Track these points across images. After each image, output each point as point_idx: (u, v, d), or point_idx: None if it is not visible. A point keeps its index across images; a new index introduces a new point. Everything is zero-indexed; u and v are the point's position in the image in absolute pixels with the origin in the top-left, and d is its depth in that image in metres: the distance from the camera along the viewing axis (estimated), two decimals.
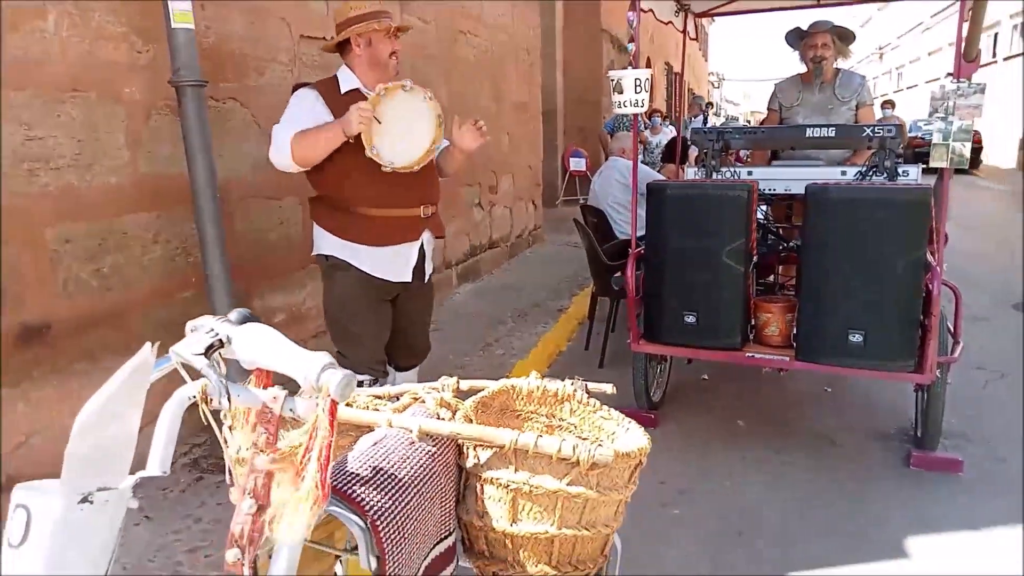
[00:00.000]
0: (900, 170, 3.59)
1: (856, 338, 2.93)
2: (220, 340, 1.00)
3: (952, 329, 3.25)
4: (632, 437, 1.62)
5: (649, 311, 3.43)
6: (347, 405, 1.55)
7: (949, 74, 3.08)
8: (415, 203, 2.80)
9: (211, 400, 1.06)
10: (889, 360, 2.94)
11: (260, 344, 0.98)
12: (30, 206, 2.65)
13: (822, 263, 3.02)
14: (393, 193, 2.72)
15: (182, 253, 3.35)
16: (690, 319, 3.25)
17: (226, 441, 1.12)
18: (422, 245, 2.90)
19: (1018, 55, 19.71)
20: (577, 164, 12.50)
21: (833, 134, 3.73)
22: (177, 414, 1.05)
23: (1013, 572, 1.35)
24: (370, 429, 1.53)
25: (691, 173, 4.10)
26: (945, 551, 2.68)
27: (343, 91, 2.73)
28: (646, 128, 10.28)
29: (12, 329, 2.59)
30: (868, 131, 3.64)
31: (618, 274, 3.58)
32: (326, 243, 2.83)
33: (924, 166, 3.45)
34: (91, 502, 0.93)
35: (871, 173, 3.58)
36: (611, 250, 4.93)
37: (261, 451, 1.07)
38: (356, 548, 1.24)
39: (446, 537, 1.53)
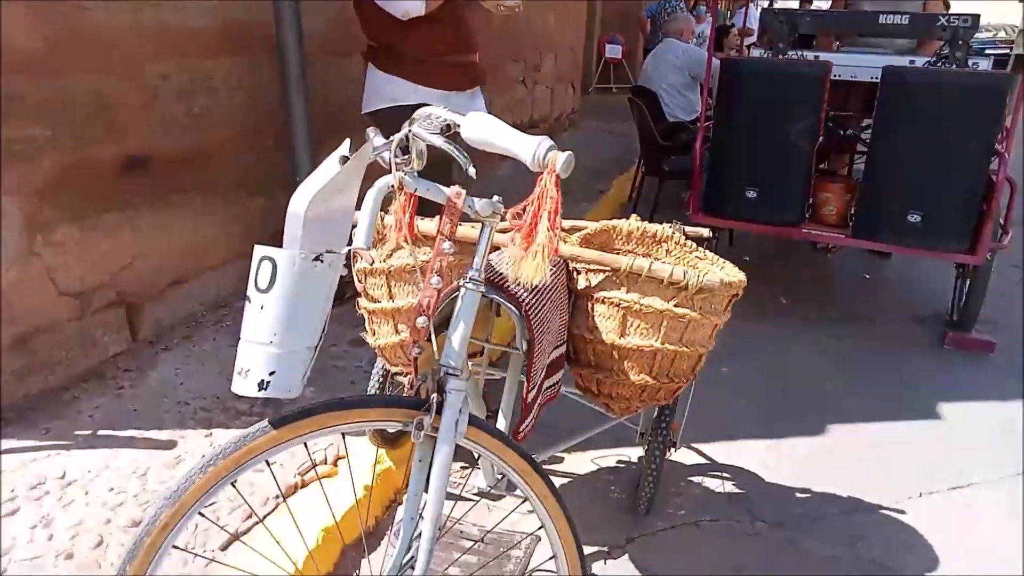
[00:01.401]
0: (970, 62, 3.60)
1: (914, 218, 3.06)
2: (450, 124, 1.14)
3: (1003, 220, 3.37)
4: (731, 271, 1.79)
5: (710, 186, 3.55)
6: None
7: None
8: (475, 49, 2.90)
9: (404, 188, 1.21)
10: (944, 241, 3.09)
11: (488, 128, 1.12)
12: (133, 41, 2.74)
13: (892, 144, 3.11)
14: (466, 40, 2.82)
15: (263, 101, 3.44)
16: (751, 194, 3.37)
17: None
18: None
19: None
20: (613, 51, 12.19)
21: (906, 21, 3.71)
22: (377, 199, 1.20)
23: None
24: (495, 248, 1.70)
25: (757, 54, 4.10)
26: (975, 418, 2.91)
27: None
28: (692, 12, 9.99)
29: (117, 159, 2.74)
30: (943, 20, 3.62)
31: (672, 157, 3.68)
32: (400, 92, 2.88)
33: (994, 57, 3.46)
34: (321, 261, 1.11)
35: (941, 63, 3.60)
36: (661, 132, 4.98)
37: (446, 238, 1.24)
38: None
39: (560, 345, 1.73)
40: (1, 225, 2.32)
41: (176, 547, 1.18)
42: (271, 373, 1.09)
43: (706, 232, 1.96)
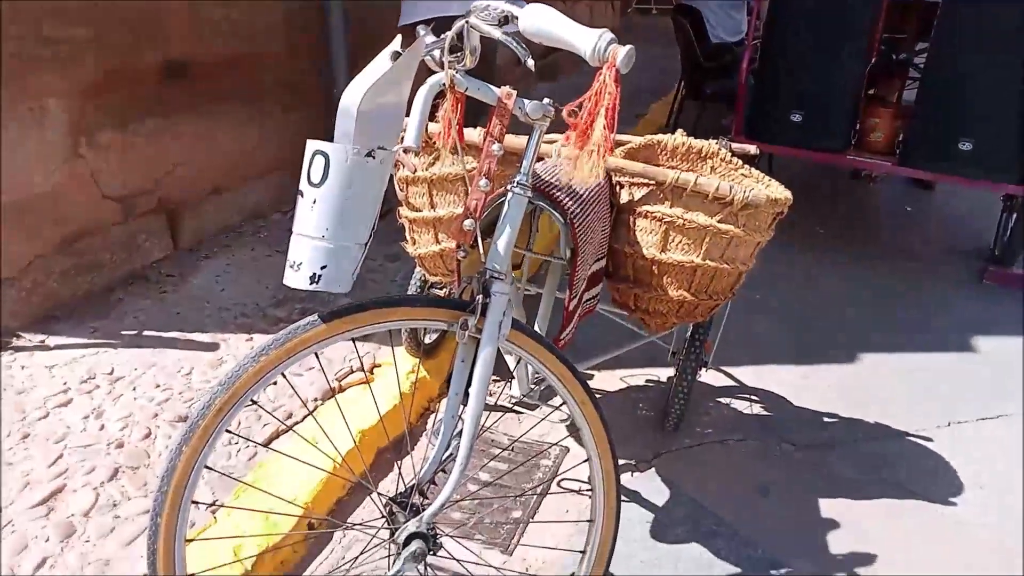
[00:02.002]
0: None
1: (965, 146, 2.97)
2: (507, 16, 1.12)
3: None
4: (777, 189, 1.76)
5: (754, 109, 3.46)
6: None
7: None
8: None
9: (455, 87, 1.20)
10: (994, 170, 3.00)
11: (548, 19, 1.10)
12: None
13: (949, 66, 2.99)
14: None
15: (302, 12, 3.38)
16: (796, 118, 3.28)
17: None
18: None
19: None
20: None
21: None
22: (428, 98, 1.19)
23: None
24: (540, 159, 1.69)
25: None
26: (1010, 352, 2.88)
27: None
28: None
29: (159, 64, 2.74)
30: None
31: (715, 80, 3.58)
32: (439, 3, 2.81)
33: None
34: (373, 157, 1.11)
35: None
36: (705, 54, 4.83)
37: (496, 140, 1.23)
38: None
39: (601, 259, 1.73)
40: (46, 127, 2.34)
41: (229, 431, 1.23)
42: (322, 267, 1.11)
43: (753, 149, 1.92)
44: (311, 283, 1.11)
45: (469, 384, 1.27)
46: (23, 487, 1.75)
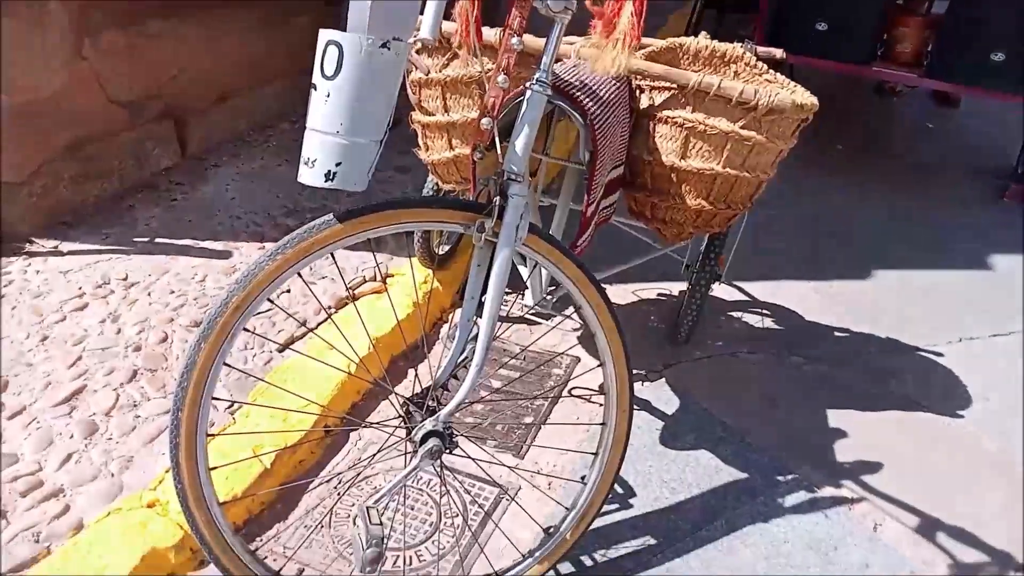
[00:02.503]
0: None
1: (998, 57, 2.86)
2: None
3: None
4: (803, 94, 1.70)
5: (777, 17, 3.32)
6: None
7: None
8: None
9: None
10: None
11: None
12: None
13: None
14: None
15: None
16: (821, 27, 3.16)
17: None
18: None
19: None
20: None
21: None
22: None
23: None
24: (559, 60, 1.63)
25: None
26: None
27: None
28: None
29: None
30: None
31: None
32: None
33: None
34: (388, 48, 1.07)
35: None
36: None
37: (515, 34, 1.18)
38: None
39: (619, 166, 1.69)
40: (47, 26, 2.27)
41: (247, 329, 1.23)
42: (337, 164, 1.08)
43: (779, 53, 1.85)
44: (326, 180, 1.09)
45: (485, 289, 1.26)
46: (45, 387, 1.79)
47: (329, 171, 1.09)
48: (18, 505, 1.49)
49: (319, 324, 2.11)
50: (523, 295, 2.09)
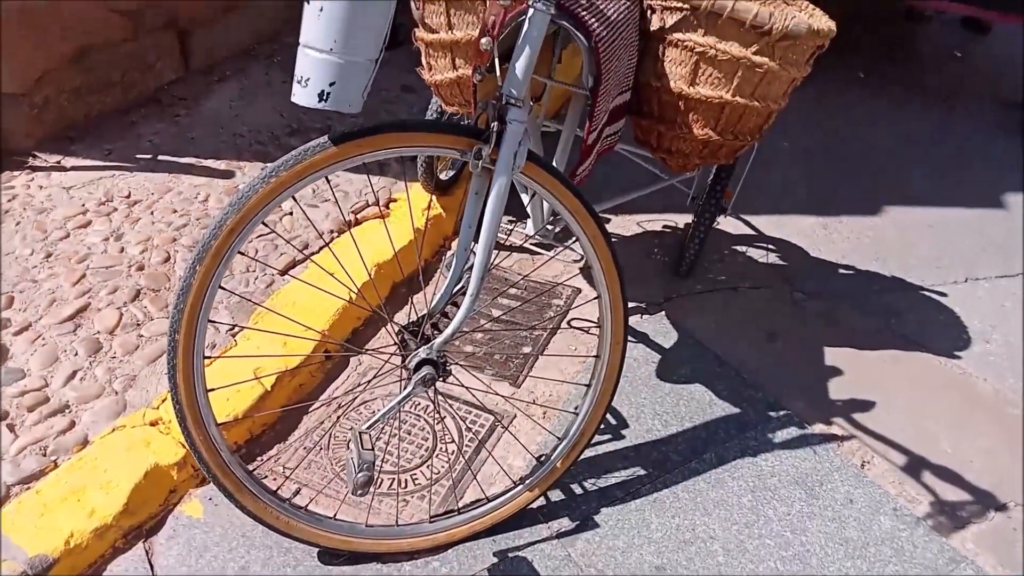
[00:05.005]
0: None
1: None
2: None
3: None
4: (820, 18, 1.64)
5: None
6: None
7: None
8: None
9: None
10: None
11: None
12: None
13: None
14: None
15: None
16: None
17: None
18: None
19: None
20: None
21: None
22: None
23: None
24: None
25: None
26: None
27: None
28: None
29: None
30: None
31: None
32: None
33: None
34: None
35: None
36: None
37: None
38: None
39: (625, 91, 1.64)
40: None
41: (242, 253, 1.23)
42: (331, 84, 1.05)
43: None
44: (319, 100, 1.07)
45: (482, 217, 1.24)
46: (50, 304, 1.81)
47: (323, 91, 1.07)
48: (25, 420, 1.53)
49: (320, 248, 2.11)
50: (524, 223, 2.07)
